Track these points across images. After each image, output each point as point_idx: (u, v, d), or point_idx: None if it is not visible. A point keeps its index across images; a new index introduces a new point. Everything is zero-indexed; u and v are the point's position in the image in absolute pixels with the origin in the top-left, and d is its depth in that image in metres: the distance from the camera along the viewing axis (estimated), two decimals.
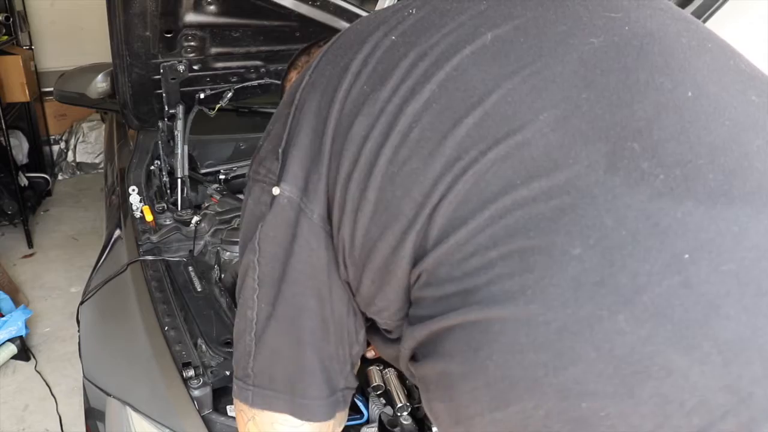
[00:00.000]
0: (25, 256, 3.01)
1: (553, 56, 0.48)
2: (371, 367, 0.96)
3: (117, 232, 1.44)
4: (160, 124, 1.58)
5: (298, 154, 0.57)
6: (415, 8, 0.58)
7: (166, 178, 1.55)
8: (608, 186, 0.43)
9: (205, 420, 0.92)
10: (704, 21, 1.62)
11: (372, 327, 0.64)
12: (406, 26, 0.56)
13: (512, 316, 0.43)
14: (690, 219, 0.41)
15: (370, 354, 0.98)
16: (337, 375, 0.63)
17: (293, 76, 0.91)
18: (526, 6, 0.53)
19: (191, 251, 1.30)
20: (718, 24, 1.61)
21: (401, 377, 0.95)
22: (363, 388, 0.95)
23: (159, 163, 1.58)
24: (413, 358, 0.55)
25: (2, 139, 3.05)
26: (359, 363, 0.68)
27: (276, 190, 0.57)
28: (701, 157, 0.43)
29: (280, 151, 0.58)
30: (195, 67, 1.50)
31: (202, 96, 1.57)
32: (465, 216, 0.46)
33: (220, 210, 1.44)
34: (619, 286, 0.40)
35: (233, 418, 0.94)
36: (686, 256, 0.40)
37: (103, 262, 1.40)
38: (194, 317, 1.09)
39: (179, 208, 1.47)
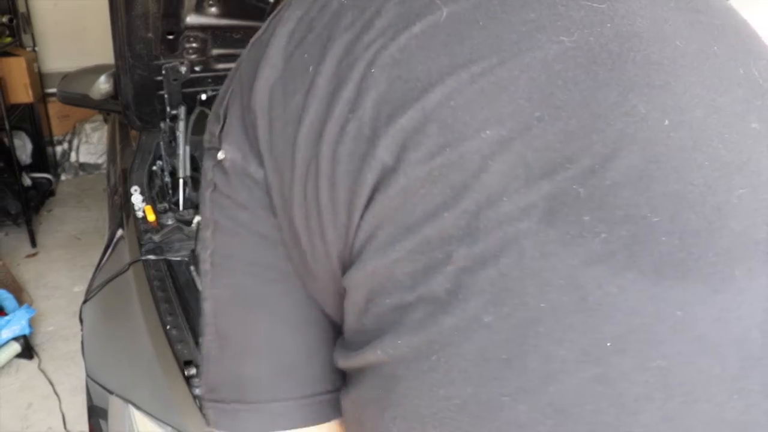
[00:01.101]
0: (29, 256, 3.03)
1: (512, 53, 0.39)
2: None
3: (119, 232, 1.45)
4: (162, 124, 1.59)
5: (235, 113, 0.49)
6: None
7: (168, 179, 1.56)
8: (540, 240, 0.35)
9: (207, 418, 0.93)
10: None
11: None
12: None
13: (417, 380, 0.38)
14: (625, 296, 0.33)
15: None
16: (322, 365, 0.53)
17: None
18: None
19: (193, 251, 1.31)
20: None
21: None
22: None
23: (161, 163, 1.59)
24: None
25: (6, 139, 3.06)
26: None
27: (221, 154, 0.50)
28: (659, 212, 0.34)
29: (221, 111, 0.51)
30: (197, 69, 1.51)
31: (203, 97, 1.58)
32: (385, 240, 0.39)
33: None
34: (527, 371, 0.34)
35: None
36: (608, 344, 0.33)
37: (105, 261, 1.41)
38: (196, 316, 1.10)
39: (181, 208, 1.48)
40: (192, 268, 1.26)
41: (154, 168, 1.60)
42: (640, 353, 0.33)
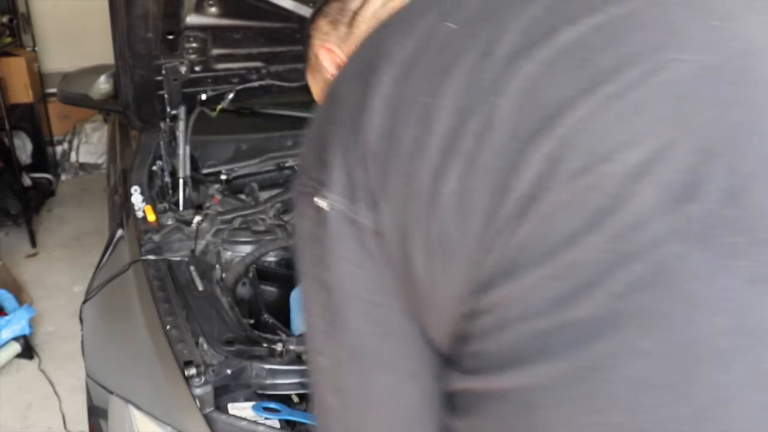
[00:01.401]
0: (29, 256, 3.03)
1: (638, 73, 0.38)
2: None
3: (119, 232, 1.45)
4: (162, 125, 1.59)
5: (339, 159, 0.47)
6: None
7: (168, 179, 1.56)
8: (694, 263, 0.34)
9: (207, 418, 0.93)
10: None
11: None
12: (468, 12, 0.46)
13: (557, 409, 0.36)
14: None
15: None
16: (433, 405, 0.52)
17: (323, 23, 0.78)
18: (620, 4, 0.41)
19: (193, 251, 1.31)
20: None
21: None
22: None
23: (161, 163, 1.60)
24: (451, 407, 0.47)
25: (6, 139, 3.06)
26: None
27: (324, 200, 0.48)
28: None
29: (321, 156, 0.49)
30: (197, 69, 1.51)
31: (203, 97, 1.58)
32: (521, 266, 0.38)
33: (221, 210, 1.45)
34: (691, 396, 0.33)
35: (234, 416, 0.95)
36: None
37: (105, 261, 1.41)
38: (196, 316, 1.10)
39: (181, 208, 1.48)
40: (192, 268, 1.26)
41: (154, 168, 1.60)
42: None
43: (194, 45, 1.42)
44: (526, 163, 0.39)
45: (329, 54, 0.74)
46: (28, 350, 2.32)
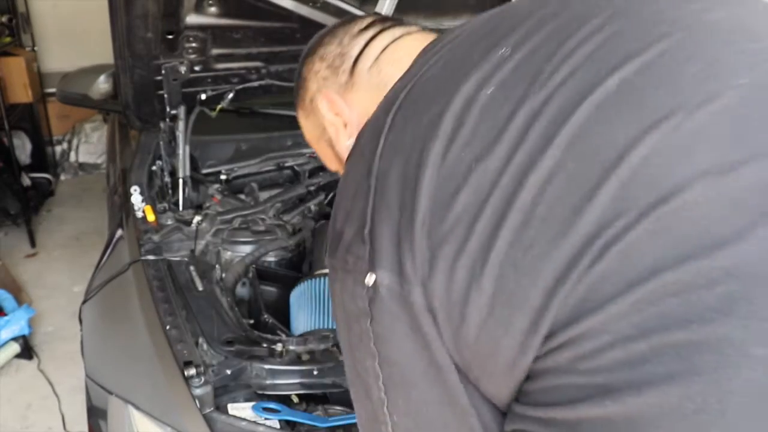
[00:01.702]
0: (28, 256, 3.03)
1: (692, 104, 0.40)
2: None
3: (119, 232, 1.45)
4: (161, 124, 1.58)
5: (387, 234, 0.47)
6: (509, 47, 0.48)
7: (167, 179, 1.56)
8: None
9: (207, 418, 0.93)
10: None
11: None
12: (504, 75, 0.47)
13: (672, 422, 0.35)
14: None
15: None
16: None
17: (320, 67, 0.77)
18: (647, 39, 0.43)
19: (193, 251, 1.31)
20: None
21: None
22: None
23: (161, 163, 1.59)
24: None
25: (5, 139, 3.06)
26: None
27: (371, 278, 0.48)
28: None
29: (366, 232, 0.49)
30: (196, 68, 1.51)
31: (203, 97, 1.58)
32: (603, 299, 0.38)
33: (221, 210, 1.45)
34: None
35: (234, 416, 0.95)
36: None
37: (105, 261, 1.41)
38: (195, 316, 1.10)
39: (181, 208, 1.48)
40: (192, 268, 1.26)
41: (154, 168, 1.60)
42: None
43: (194, 45, 1.42)
44: (591, 207, 0.39)
45: (330, 103, 0.73)
46: (27, 350, 2.32)
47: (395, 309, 0.47)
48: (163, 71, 1.44)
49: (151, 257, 1.27)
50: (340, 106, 0.73)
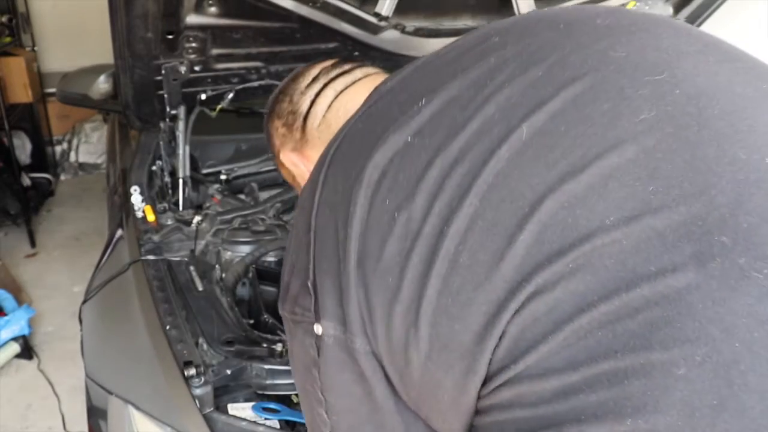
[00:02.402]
0: (28, 256, 3.03)
1: (603, 145, 0.41)
2: None
3: (119, 232, 1.45)
4: (161, 124, 1.58)
5: (327, 285, 0.50)
6: (425, 98, 0.49)
7: (167, 179, 1.56)
8: (704, 291, 0.36)
9: (207, 418, 0.93)
10: (704, 21, 1.63)
11: None
12: (421, 123, 0.48)
13: None
14: None
15: None
16: None
17: (278, 124, 0.82)
18: (557, 83, 0.45)
19: (192, 251, 1.31)
20: (718, 24, 1.61)
21: None
22: None
23: (160, 163, 1.59)
24: None
25: (5, 139, 3.06)
26: None
27: (318, 329, 0.51)
28: None
29: (309, 285, 0.52)
30: (196, 68, 1.50)
31: (203, 97, 1.58)
32: (535, 339, 0.40)
33: (221, 210, 1.45)
34: (746, 409, 0.34)
35: (234, 416, 0.95)
36: None
37: (105, 261, 1.41)
38: (195, 316, 1.10)
39: (181, 208, 1.48)
40: (192, 268, 1.26)
41: (154, 168, 1.60)
42: None
43: (194, 45, 1.42)
44: (511, 254, 0.41)
45: (291, 159, 0.80)
46: (27, 350, 2.31)
47: (342, 357, 0.50)
48: (163, 71, 1.44)
49: (151, 257, 1.27)
50: (299, 161, 0.79)
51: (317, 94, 0.78)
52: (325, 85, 0.79)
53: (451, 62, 0.52)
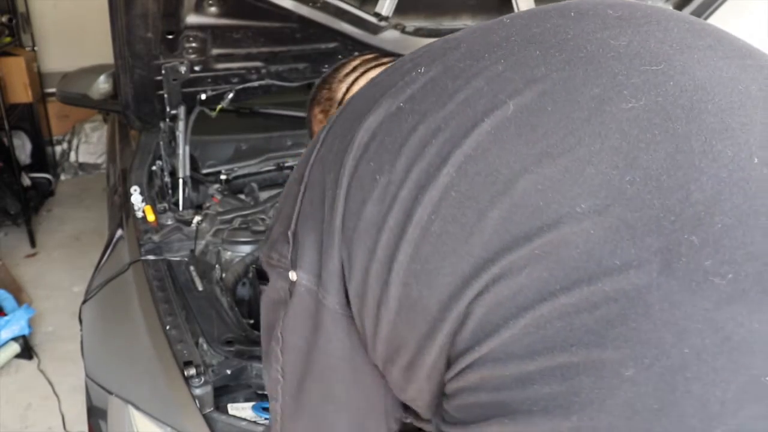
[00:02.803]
0: (28, 256, 3.03)
1: (586, 129, 0.40)
2: None
3: (119, 232, 1.44)
4: (161, 124, 1.58)
5: (309, 238, 0.51)
6: (424, 66, 0.50)
7: (167, 179, 1.56)
8: (664, 292, 0.35)
9: (207, 418, 0.93)
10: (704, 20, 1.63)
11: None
12: (414, 89, 0.49)
13: None
14: None
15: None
16: None
17: (317, 111, 0.85)
18: (550, 65, 0.44)
19: (192, 251, 1.31)
20: (718, 24, 1.61)
21: None
22: None
23: (160, 163, 1.59)
24: None
25: (5, 139, 3.06)
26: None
27: (293, 276, 0.52)
28: None
29: (289, 234, 0.53)
30: (196, 68, 1.50)
31: (203, 97, 1.58)
32: (498, 323, 0.40)
33: (221, 210, 1.45)
34: (685, 416, 0.33)
35: (234, 416, 0.95)
36: (766, 378, 0.33)
37: (105, 261, 1.40)
38: (195, 316, 1.10)
39: (181, 208, 1.48)
40: (192, 268, 1.26)
41: (154, 168, 1.60)
42: None
43: (194, 45, 1.42)
44: (480, 230, 0.41)
45: None
46: (27, 350, 2.31)
47: (309, 306, 0.52)
48: (163, 71, 1.44)
49: (151, 257, 1.27)
50: None
51: (353, 82, 0.81)
52: (362, 74, 0.82)
53: (460, 38, 0.53)
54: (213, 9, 1.33)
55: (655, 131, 0.39)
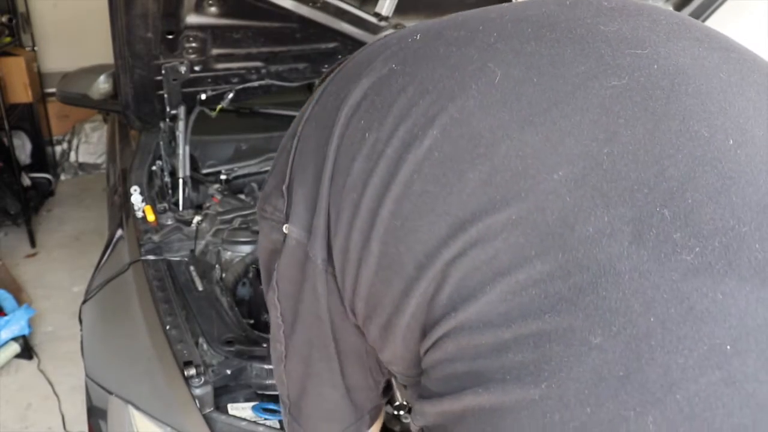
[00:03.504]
0: (28, 256, 3.03)
1: (570, 102, 0.42)
2: None
3: (119, 232, 1.44)
4: (161, 124, 1.59)
5: (301, 193, 0.53)
6: (420, 33, 0.52)
7: (167, 179, 1.56)
8: (634, 261, 0.36)
9: (207, 418, 0.93)
10: (704, 21, 1.63)
11: None
12: (407, 53, 0.50)
13: (527, 411, 0.37)
14: (732, 302, 0.34)
15: None
16: (363, 400, 0.62)
17: None
18: (541, 42, 0.46)
19: (192, 251, 1.31)
20: (718, 24, 1.61)
21: None
22: None
23: (161, 163, 1.59)
24: None
25: (5, 139, 3.06)
26: (387, 382, 0.66)
27: (286, 228, 0.54)
28: (745, 222, 0.36)
29: (283, 188, 0.55)
30: (196, 68, 1.50)
31: (203, 97, 1.58)
32: (474, 288, 0.41)
33: (221, 210, 1.45)
34: (648, 382, 0.34)
35: (234, 416, 0.95)
36: (728, 347, 0.33)
37: (105, 261, 1.40)
38: (195, 316, 1.10)
39: (181, 208, 1.48)
40: (192, 268, 1.26)
41: (154, 168, 1.60)
42: (762, 353, 0.33)
43: (194, 45, 1.42)
44: (459, 190, 0.42)
45: None
46: (27, 350, 2.31)
47: (299, 257, 0.53)
48: (163, 71, 1.44)
49: (151, 257, 1.27)
50: None
51: None
52: None
53: (458, 14, 0.54)
54: (213, 9, 1.33)
55: (636, 109, 0.40)
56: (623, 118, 0.40)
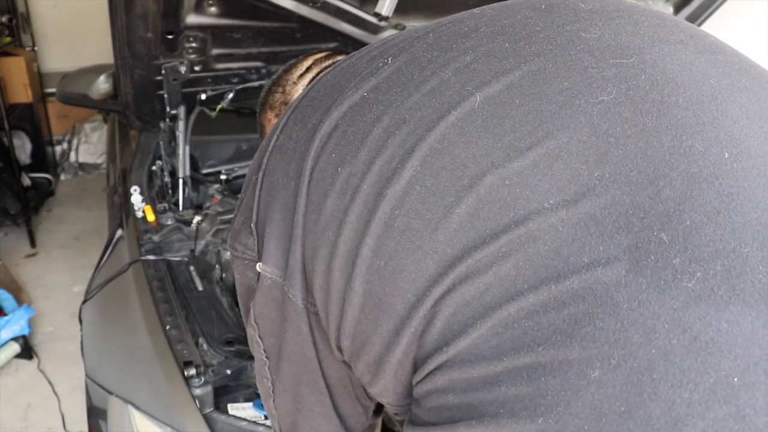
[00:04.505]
0: (28, 256, 3.03)
1: (556, 123, 0.39)
2: None
3: (119, 232, 1.44)
4: (161, 124, 1.59)
5: (272, 232, 0.50)
6: (391, 57, 0.49)
7: (167, 179, 1.56)
8: (632, 290, 0.34)
9: (206, 418, 0.93)
10: (704, 21, 1.63)
11: None
12: (379, 79, 0.47)
13: None
14: (737, 330, 0.32)
15: None
16: (355, 425, 0.61)
17: (271, 116, 0.81)
18: (520, 57, 0.43)
19: (192, 251, 1.31)
20: (718, 24, 1.61)
21: None
22: None
23: (161, 163, 1.59)
24: None
25: (5, 139, 3.06)
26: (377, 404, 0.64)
27: (259, 267, 0.52)
28: (746, 243, 0.34)
29: (252, 226, 0.52)
30: (196, 68, 1.50)
31: (203, 97, 1.58)
32: (465, 323, 0.39)
33: (221, 210, 1.45)
34: (651, 419, 0.32)
35: (234, 416, 0.95)
36: (735, 379, 0.31)
37: (105, 261, 1.40)
38: (195, 316, 1.10)
39: (181, 208, 1.48)
40: (192, 268, 1.26)
41: (154, 168, 1.60)
42: None
43: (194, 45, 1.42)
44: (446, 226, 0.40)
45: None
46: (27, 350, 2.31)
47: (275, 295, 0.51)
48: (163, 71, 1.44)
49: (151, 257, 1.27)
50: None
51: (309, 84, 0.79)
52: (317, 75, 0.78)
53: (429, 28, 0.52)
54: (213, 9, 1.33)
55: (625, 125, 0.38)
56: (613, 136, 0.38)
